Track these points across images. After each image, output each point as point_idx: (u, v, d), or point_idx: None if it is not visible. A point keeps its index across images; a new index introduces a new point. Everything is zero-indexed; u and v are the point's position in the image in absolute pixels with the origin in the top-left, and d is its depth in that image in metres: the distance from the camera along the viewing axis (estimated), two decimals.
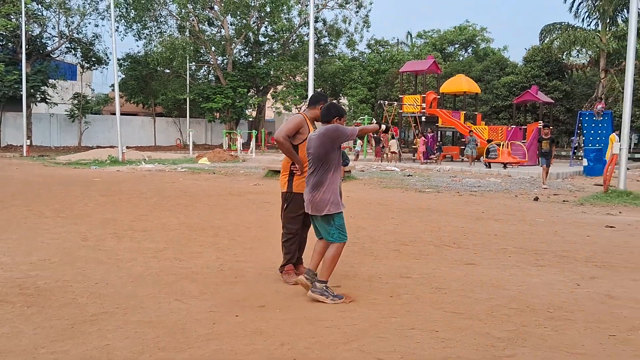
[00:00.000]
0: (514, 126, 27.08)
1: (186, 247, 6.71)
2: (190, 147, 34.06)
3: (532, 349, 3.62)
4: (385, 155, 26.03)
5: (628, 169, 14.76)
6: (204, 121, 44.24)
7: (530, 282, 5.26)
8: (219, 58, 42.72)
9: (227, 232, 7.73)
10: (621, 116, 13.52)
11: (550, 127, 14.13)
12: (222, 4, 38.72)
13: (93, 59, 39.43)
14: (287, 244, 5.22)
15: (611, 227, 8.67)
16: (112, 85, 36.68)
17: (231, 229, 7.93)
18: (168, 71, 42.98)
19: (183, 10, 38.17)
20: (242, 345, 3.62)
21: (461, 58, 49.08)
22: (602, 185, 13.48)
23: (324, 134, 4.55)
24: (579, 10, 34.90)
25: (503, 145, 22.46)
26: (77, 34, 38.56)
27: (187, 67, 40.38)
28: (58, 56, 39.79)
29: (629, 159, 15.19)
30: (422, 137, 24.59)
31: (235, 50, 42.47)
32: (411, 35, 55.09)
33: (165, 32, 40.63)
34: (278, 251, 5.46)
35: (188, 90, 40.83)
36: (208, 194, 12.36)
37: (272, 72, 42.01)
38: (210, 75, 46.54)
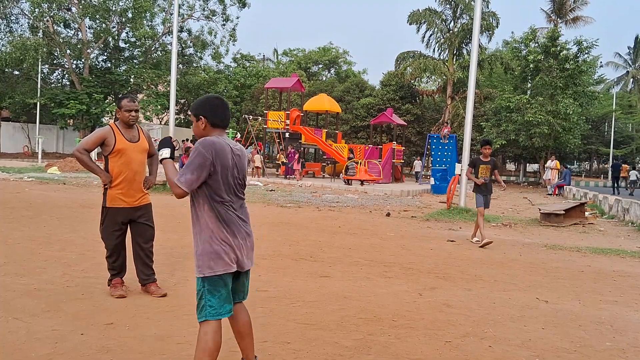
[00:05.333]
0: (371, 145, 28.61)
1: (29, 261, 6.18)
2: (40, 155, 31.45)
3: (376, 356, 3.85)
4: (251, 170, 26.08)
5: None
6: (56, 128, 41.08)
7: (378, 293, 5.58)
8: (75, 62, 40.05)
9: (75, 246, 7.25)
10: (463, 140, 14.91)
11: (489, 147, 9.42)
12: (81, 6, 36.47)
13: None
14: (110, 260, 5.08)
15: (452, 241, 9.50)
16: None
17: (80, 243, 7.44)
18: (17, 73, 39.37)
19: (37, 10, 35.35)
20: None
21: (324, 78, 50.91)
22: (446, 203, 14.71)
23: None
24: (430, 41, 38.04)
25: (361, 163, 23.60)
26: None
27: (39, 70, 37.33)
28: None
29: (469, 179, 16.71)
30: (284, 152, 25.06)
31: (92, 55, 40.14)
32: (277, 52, 56.15)
33: (16, 31, 37.33)
34: (130, 266, 5.23)
35: (39, 94, 37.70)
36: (57, 206, 11.48)
37: (132, 80, 40.28)
38: (64, 80, 43.43)
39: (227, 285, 3.03)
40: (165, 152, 3.16)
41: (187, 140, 29.72)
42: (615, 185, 27.97)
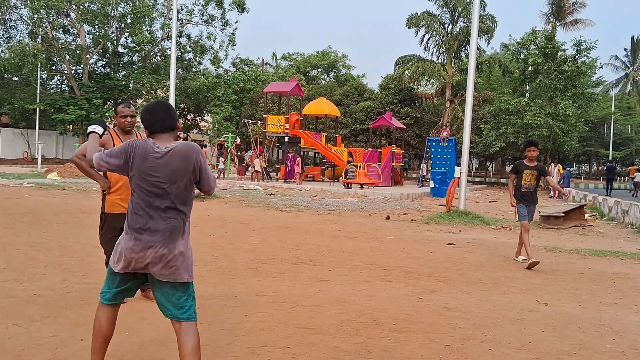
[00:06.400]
0: (371, 149, 28.63)
1: (29, 267, 6.19)
2: (39, 161, 31.43)
3: (376, 359, 3.84)
4: (252, 174, 26.11)
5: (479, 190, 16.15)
6: (55, 133, 41.06)
7: (378, 297, 5.58)
8: (74, 67, 40.12)
9: (75, 252, 7.25)
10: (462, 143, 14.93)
11: (535, 149, 7.86)
12: (79, 12, 36.54)
13: None
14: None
15: (451, 244, 9.50)
16: None
17: (80, 249, 7.44)
18: (16, 79, 39.42)
19: (36, 16, 35.41)
20: None
21: (323, 82, 50.99)
22: (445, 206, 14.72)
23: None
24: (429, 45, 38.13)
25: (360, 166, 23.61)
26: None
27: (38, 76, 37.37)
28: None
29: (469, 182, 16.75)
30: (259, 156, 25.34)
31: (91, 60, 40.21)
32: (276, 57, 56.24)
33: (15, 37, 37.40)
34: None
35: (38, 100, 37.73)
36: (56, 211, 11.49)
37: (131, 85, 40.33)
38: (63, 85, 43.48)
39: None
40: (96, 128, 3.24)
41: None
42: (609, 187, 28.01)
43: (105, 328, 3.13)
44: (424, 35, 38.02)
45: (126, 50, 42.15)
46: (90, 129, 3.27)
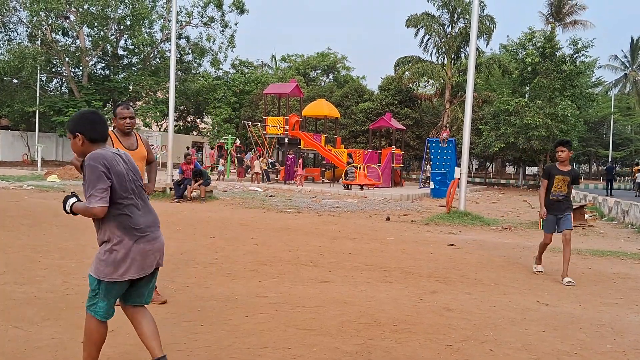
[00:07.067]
0: (371, 150, 28.63)
1: (29, 270, 6.18)
2: (39, 163, 31.44)
3: None
4: (252, 176, 26.12)
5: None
6: (55, 136, 41.13)
7: (378, 298, 5.58)
8: (74, 70, 40.15)
9: (75, 254, 7.25)
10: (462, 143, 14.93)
11: (565, 150, 6.88)
12: (79, 14, 36.57)
13: None
14: None
15: (452, 245, 9.49)
16: None
17: (80, 251, 7.44)
18: (16, 81, 39.45)
19: (35, 18, 35.46)
20: None
21: (323, 83, 51.01)
22: (445, 207, 14.71)
23: None
24: (428, 46, 38.17)
25: (360, 167, 23.62)
26: None
27: (38, 78, 37.41)
28: None
29: (469, 182, 16.74)
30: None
31: (91, 63, 40.25)
32: (275, 58, 56.25)
33: (14, 39, 37.44)
34: None
35: (38, 102, 37.75)
36: (56, 214, 11.47)
37: (131, 87, 40.38)
38: (63, 88, 43.52)
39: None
40: (72, 199, 3.12)
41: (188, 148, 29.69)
42: (609, 187, 28.00)
43: (105, 336, 3.19)
44: (423, 36, 38.11)
45: (126, 53, 42.23)
46: (69, 203, 3.11)
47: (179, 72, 40.39)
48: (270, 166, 27.52)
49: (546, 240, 7.15)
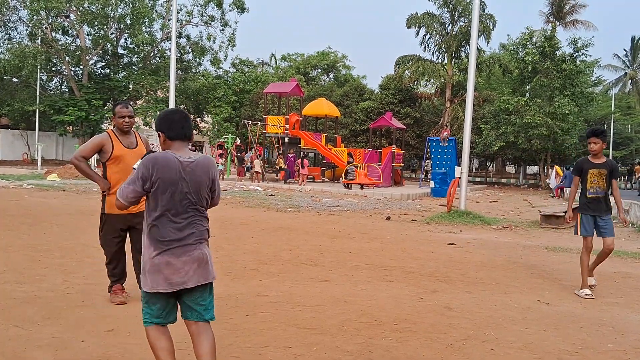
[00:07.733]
0: (371, 149, 28.62)
1: (29, 269, 6.18)
2: (39, 162, 31.43)
3: None
4: (250, 175, 26.11)
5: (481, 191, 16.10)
6: (55, 135, 41.11)
7: (379, 297, 5.58)
8: (74, 69, 40.15)
9: (75, 253, 7.25)
10: (463, 142, 14.92)
11: (598, 141, 5.95)
12: (79, 13, 36.55)
13: None
14: (110, 266, 5.09)
15: (452, 244, 9.49)
16: None
17: (80, 250, 7.44)
18: (16, 80, 39.44)
19: (35, 17, 35.43)
20: None
21: (323, 82, 50.94)
22: (446, 206, 14.71)
23: None
24: (429, 45, 38.12)
25: (360, 167, 23.60)
26: None
27: (38, 77, 37.41)
28: None
29: (469, 182, 16.72)
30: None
31: (91, 62, 40.22)
32: (275, 58, 56.20)
33: (14, 38, 37.43)
34: (130, 273, 5.23)
35: (38, 101, 37.74)
36: (56, 213, 11.48)
37: (131, 86, 40.37)
38: (63, 87, 43.51)
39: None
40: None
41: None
42: None
43: (165, 342, 3.11)
44: (424, 35, 38.02)
45: (126, 52, 42.17)
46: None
47: (179, 71, 40.35)
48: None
49: (587, 245, 6.17)
